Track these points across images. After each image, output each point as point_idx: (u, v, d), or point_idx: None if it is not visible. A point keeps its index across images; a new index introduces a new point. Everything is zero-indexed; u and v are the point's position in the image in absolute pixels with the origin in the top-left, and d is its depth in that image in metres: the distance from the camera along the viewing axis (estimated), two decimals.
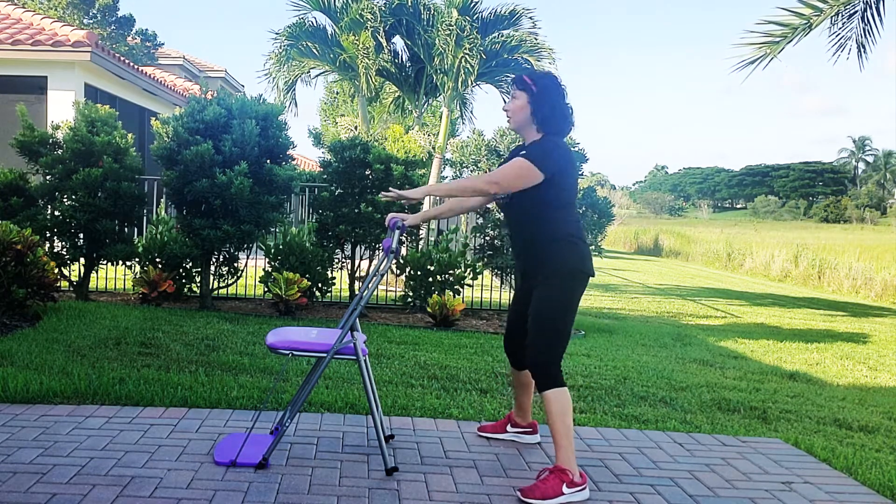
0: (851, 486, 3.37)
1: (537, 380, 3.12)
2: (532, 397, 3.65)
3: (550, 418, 3.05)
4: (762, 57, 9.62)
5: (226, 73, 25.49)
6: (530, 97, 3.25)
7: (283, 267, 7.32)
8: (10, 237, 5.44)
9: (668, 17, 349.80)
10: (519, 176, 3.14)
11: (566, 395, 3.08)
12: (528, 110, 3.26)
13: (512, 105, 3.30)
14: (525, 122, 3.29)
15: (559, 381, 3.10)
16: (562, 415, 3.04)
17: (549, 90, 3.25)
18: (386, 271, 3.38)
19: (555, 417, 3.04)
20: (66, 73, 12.21)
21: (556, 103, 3.25)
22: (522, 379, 3.57)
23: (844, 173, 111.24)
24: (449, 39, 12.30)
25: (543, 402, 3.09)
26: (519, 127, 3.35)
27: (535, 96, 3.24)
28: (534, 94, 3.24)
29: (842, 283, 18.49)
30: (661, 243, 33.23)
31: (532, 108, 3.25)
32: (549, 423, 3.07)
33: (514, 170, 3.15)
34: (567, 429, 3.04)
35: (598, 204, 7.83)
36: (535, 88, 3.24)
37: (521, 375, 3.57)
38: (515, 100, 3.29)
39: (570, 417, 3.07)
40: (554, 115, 3.25)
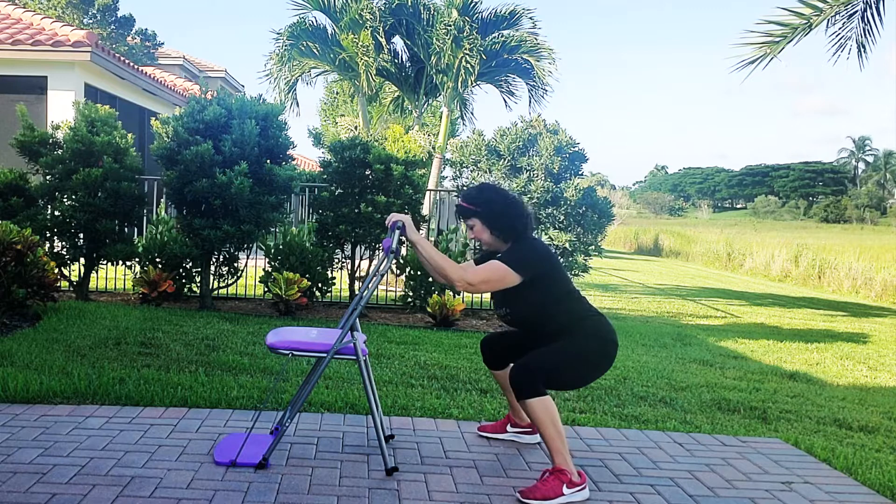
0: (851, 486, 3.37)
1: (517, 386, 3.03)
2: None
3: (540, 426, 3.01)
4: (762, 57, 9.62)
5: (226, 73, 25.49)
6: (481, 219, 3.27)
7: (283, 267, 7.32)
8: (10, 237, 5.44)
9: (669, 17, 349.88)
10: (495, 279, 3.14)
11: (549, 401, 3.03)
12: (487, 230, 3.28)
13: (474, 234, 3.32)
14: (492, 242, 3.31)
15: (541, 391, 3.02)
16: (550, 420, 3.00)
17: (492, 202, 3.27)
18: (386, 271, 3.38)
19: (544, 424, 3.00)
20: (66, 73, 12.21)
21: (506, 210, 3.26)
22: (503, 380, 3.57)
23: (844, 173, 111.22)
24: (448, 39, 12.31)
25: (528, 410, 3.03)
26: (491, 248, 3.35)
27: (484, 216, 3.26)
28: (482, 215, 3.27)
29: (842, 283, 18.49)
30: (661, 243, 33.23)
31: (490, 227, 3.27)
32: (539, 430, 3.03)
33: (490, 273, 3.14)
34: (559, 432, 3.01)
35: (598, 204, 7.84)
36: (479, 209, 3.27)
37: (500, 376, 3.58)
38: (472, 228, 3.31)
39: (559, 420, 3.02)
40: (511, 222, 3.26)
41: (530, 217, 3.36)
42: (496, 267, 3.15)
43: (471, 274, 3.16)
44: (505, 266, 3.13)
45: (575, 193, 7.68)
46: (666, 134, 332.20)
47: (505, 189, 3.42)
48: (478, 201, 3.29)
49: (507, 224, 3.26)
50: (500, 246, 3.31)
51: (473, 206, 3.29)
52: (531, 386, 3.01)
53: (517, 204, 3.33)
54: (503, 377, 3.55)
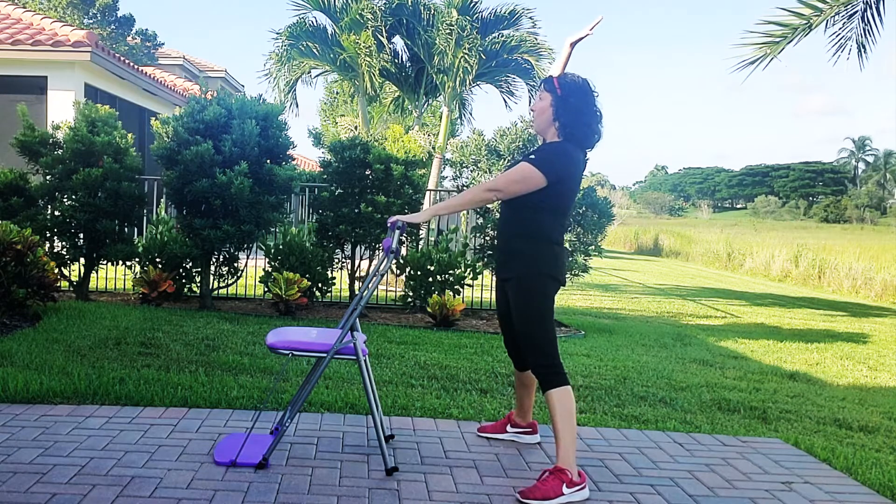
0: (851, 486, 3.37)
1: (541, 380, 3.12)
2: (534, 398, 3.65)
3: (555, 418, 3.05)
4: (762, 57, 9.62)
5: (226, 73, 25.49)
6: (554, 100, 3.16)
7: (283, 267, 7.32)
8: (10, 237, 5.44)
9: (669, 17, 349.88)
10: (520, 180, 3.08)
11: (570, 395, 3.09)
12: (549, 113, 3.18)
13: (536, 105, 3.23)
14: (546, 125, 3.21)
15: (563, 380, 3.10)
16: (567, 415, 3.04)
17: (576, 96, 3.14)
18: (386, 271, 3.38)
19: (560, 418, 3.04)
20: (66, 73, 12.21)
21: (580, 111, 3.14)
22: (525, 379, 3.57)
23: (844, 173, 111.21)
24: (449, 39, 12.31)
25: (547, 402, 3.09)
26: (540, 129, 3.27)
27: (559, 100, 3.15)
28: (558, 98, 3.15)
29: (842, 283, 18.49)
30: (661, 243, 33.23)
31: (554, 111, 3.16)
32: (553, 422, 3.06)
33: (516, 174, 3.09)
34: (571, 429, 3.04)
35: (598, 204, 7.82)
36: (560, 92, 3.15)
37: (524, 376, 3.57)
38: (540, 101, 3.21)
39: (574, 417, 3.07)
40: (576, 123, 3.14)
41: (594, 133, 3.20)
42: (524, 168, 3.09)
43: (494, 182, 3.12)
44: (531, 167, 3.07)
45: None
46: (666, 134, 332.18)
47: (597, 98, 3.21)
48: (566, 87, 3.16)
49: (570, 120, 3.12)
50: (546, 133, 3.22)
51: (558, 86, 3.17)
52: (553, 376, 3.08)
53: (595, 115, 3.18)
54: (523, 377, 3.55)
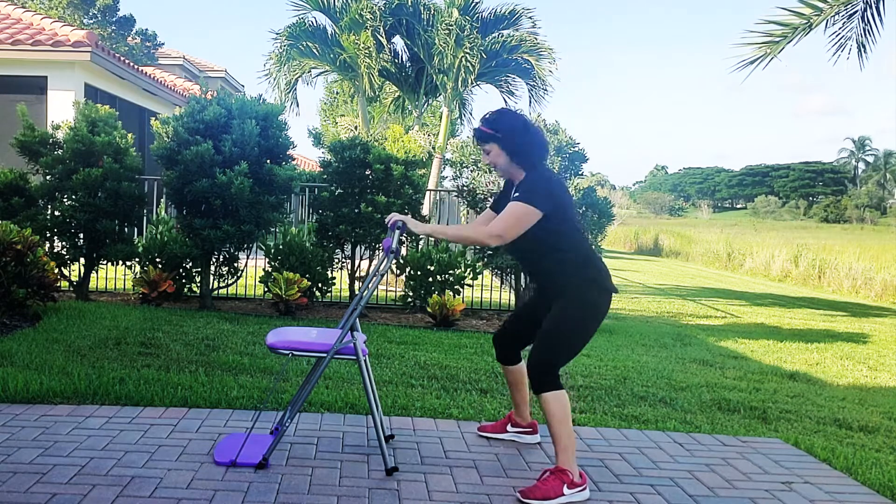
0: (851, 486, 3.37)
1: (533, 380, 3.09)
2: (527, 396, 3.64)
3: (551, 420, 3.04)
4: (762, 57, 9.62)
5: (226, 73, 25.49)
6: (499, 143, 3.24)
7: (283, 267, 7.32)
8: (10, 237, 5.44)
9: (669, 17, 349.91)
10: (519, 222, 3.11)
11: (565, 397, 3.07)
12: (504, 157, 3.25)
13: (490, 158, 3.30)
14: (508, 167, 3.29)
15: (558, 384, 3.08)
16: (563, 417, 3.03)
17: (513, 128, 3.24)
18: (386, 271, 3.38)
19: (555, 420, 3.03)
20: (66, 73, 12.21)
21: (524, 136, 3.23)
22: (513, 377, 3.58)
23: (844, 173, 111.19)
24: (449, 39, 12.31)
25: (541, 403, 3.07)
26: (506, 172, 3.34)
27: (503, 140, 3.23)
28: (500, 140, 3.23)
29: (842, 283, 18.49)
30: (661, 243, 33.23)
31: (506, 152, 3.24)
32: (549, 425, 3.05)
33: (513, 217, 3.11)
34: (568, 430, 3.04)
35: (598, 204, 7.83)
36: (499, 134, 3.23)
37: (511, 373, 3.57)
38: (489, 153, 3.28)
39: (570, 417, 3.06)
40: (529, 149, 3.23)
41: (547, 145, 3.33)
42: (516, 209, 3.11)
43: (494, 227, 3.14)
44: (524, 205, 3.10)
45: (575, 193, 7.69)
46: (666, 134, 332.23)
47: (524, 115, 3.34)
48: (498, 126, 3.24)
49: (525, 150, 3.21)
50: (515, 173, 3.27)
51: (493, 131, 3.24)
52: (547, 379, 3.05)
53: (536, 131, 3.28)
54: (513, 373, 3.56)
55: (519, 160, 3.23)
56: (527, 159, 3.23)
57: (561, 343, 3.13)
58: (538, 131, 3.30)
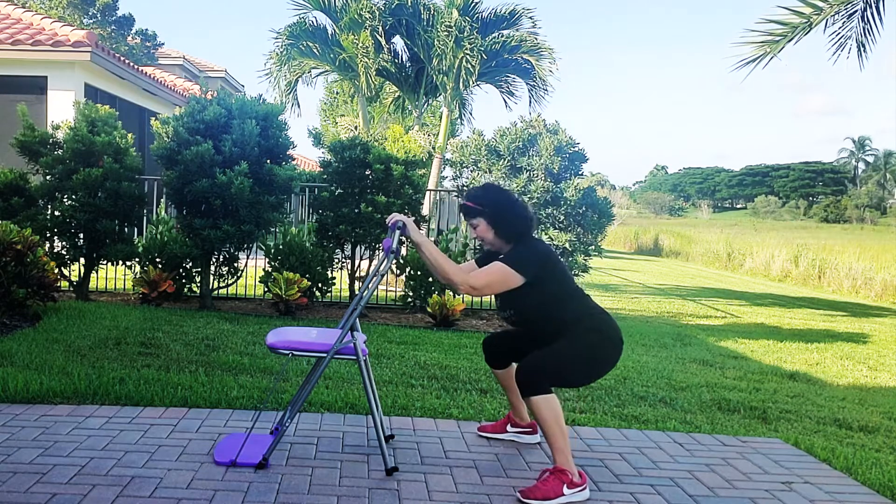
0: (851, 486, 3.37)
1: (523, 385, 3.05)
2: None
3: (544, 424, 3.02)
4: (762, 56, 9.61)
5: (226, 73, 25.49)
6: (487, 219, 3.29)
7: (283, 267, 7.32)
8: (10, 237, 5.44)
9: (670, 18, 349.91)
10: (498, 282, 3.15)
11: (554, 399, 3.04)
12: (491, 232, 3.30)
13: (478, 233, 3.33)
14: (496, 241, 3.32)
15: (547, 388, 3.04)
16: (554, 418, 3.01)
17: (498, 203, 3.30)
18: (386, 271, 3.38)
19: (548, 423, 3.01)
20: (66, 73, 12.21)
21: (510, 210, 3.29)
22: (504, 381, 3.59)
23: (844, 173, 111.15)
24: (448, 40, 12.31)
25: (532, 407, 3.04)
26: (494, 247, 3.36)
27: (490, 215, 3.28)
28: (488, 215, 3.28)
29: (842, 283, 18.49)
30: (661, 243, 33.23)
31: (493, 226, 3.28)
32: (542, 428, 3.04)
33: (494, 276, 3.14)
34: (562, 431, 3.02)
35: (598, 204, 7.84)
36: (486, 210, 3.28)
37: (502, 377, 3.59)
38: (476, 227, 3.32)
39: (562, 419, 3.04)
40: (514, 223, 3.28)
41: (533, 218, 3.39)
42: (499, 269, 3.15)
43: (473, 278, 3.17)
44: (507, 267, 3.14)
45: (575, 193, 7.68)
46: (666, 134, 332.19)
47: (508, 190, 3.44)
48: (483, 201, 3.31)
49: (510, 224, 3.28)
50: (503, 246, 3.32)
51: (478, 206, 3.30)
52: (536, 383, 3.03)
53: (521, 205, 3.36)
54: (505, 376, 3.56)
55: (505, 234, 3.29)
56: (513, 232, 3.28)
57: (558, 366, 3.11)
58: (522, 205, 3.39)
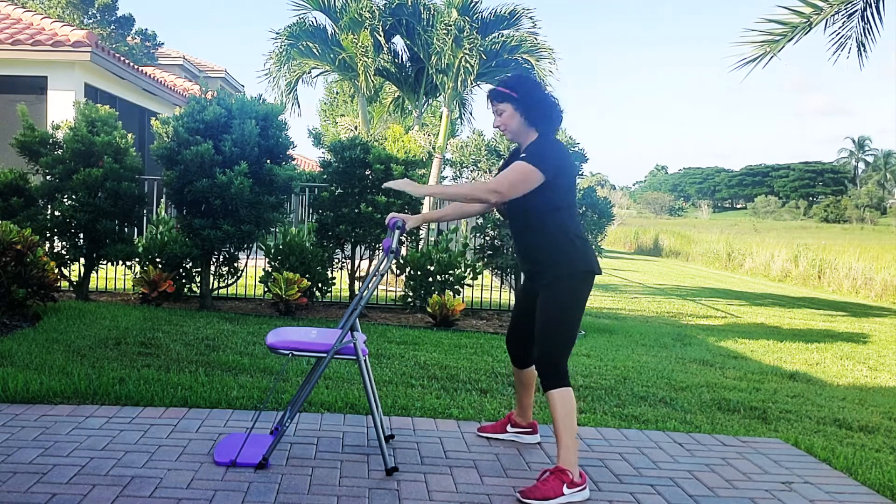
0: (851, 486, 3.37)
1: (543, 378, 3.12)
2: (533, 397, 3.66)
3: (556, 418, 3.05)
4: (762, 55, 9.62)
5: (226, 73, 25.49)
6: (515, 104, 3.22)
7: (283, 267, 7.32)
8: (10, 237, 5.44)
9: (669, 17, 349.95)
10: (521, 181, 3.09)
11: (571, 395, 3.09)
12: (518, 116, 3.23)
13: (502, 119, 3.26)
14: (520, 129, 3.25)
15: (565, 381, 3.10)
16: (567, 415, 3.05)
17: (530, 89, 3.24)
18: (386, 271, 3.38)
19: (560, 417, 3.04)
20: (66, 73, 12.21)
21: (540, 98, 3.23)
22: (524, 378, 3.58)
23: (844, 173, 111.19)
24: (448, 39, 12.30)
25: (548, 401, 3.09)
26: (515, 135, 3.30)
27: (519, 101, 3.21)
28: (517, 100, 3.21)
29: (842, 283, 18.49)
30: (661, 243, 33.23)
31: (521, 112, 3.22)
32: (554, 422, 3.07)
33: (515, 175, 3.09)
34: (572, 429, 3.05)
35: (598, 204, 7.82)
36: (516, 95, 3.22)
37: (523, 375, 3.57)
38: (503, 113, 3.26)
39: (575, 418, 3.08)
40: (545, 111, 3.22)
41: (561, 116, 3.30)
42: (520, 168, 3.10)
43: (495, 183, 3.12)
44: (528, 165, 3.09)
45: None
46: (666, 134, 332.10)
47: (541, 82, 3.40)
48: (517, 87, 3.23)
49: (538, 110, 3.20)
50: (524, 136, 3.25)
51: (511, 91, 3.22)
52: (556, 376, 3.08)
53: (553, 98, 3.28)
54: (526, 375, 3.56)
55: (533, 120, 3.20)
56: (540, 120, 3.21)
57: (557, 335, 3.13)
58: (554, 99, 3.28)
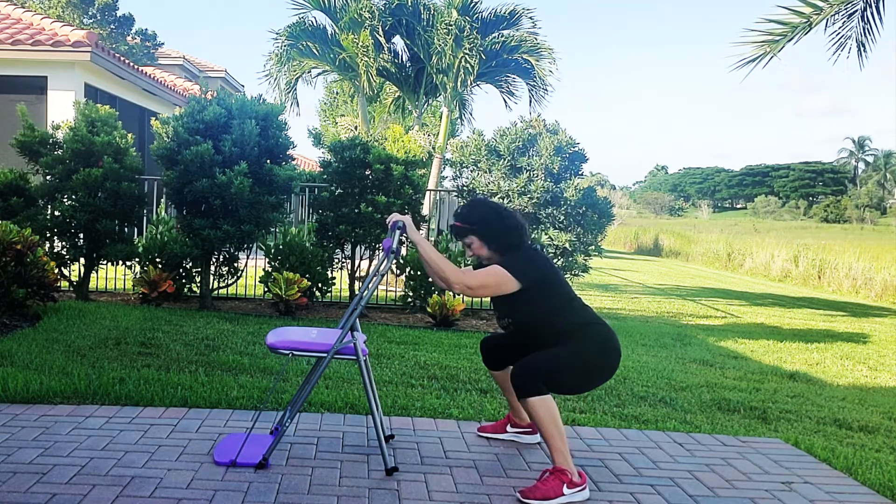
0: (851, 486, 3.37)
1: (519, 386, 3.05)
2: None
3: (541, 425, 3.02)
4: (762, 55, 9.61)
5: (226, 73, 25.49)
6: (478, 235, 3.30)
7: (283, 267, 7.32)
8: (10, 237, 5.44)
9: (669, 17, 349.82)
10: (494, 284, 3.16)
11: (550, 400, 3.04)
12: (485, 248, 3.30)
13: (473, 250, 3.34)
14: (491, 256, 3.32)
15: (543, 390, 3.03)
16: (551, 419, 3.01)
17: (486, 218, 3.30)
18: (386, 271, 3.38)
19: (545, 423, 3.01)
20: (66, 73, 12.21)
21: (499, 224, 3.29)
22: (502, 381, 3.58)
23: (844, 173, 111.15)
24: (448, 39, 12.31)
25: (528, 409, 3.04)
26: (490, 261, 3.33)
27: (480, 232, 3.29)
28: (478, 232, 3.29)
29: (842, 283, 18.49)
30: (661, 243, 33.23)
31: (485, 242, 3.29)
32: (539, 429, 3.04)
33: (490, 277, 3.16)
34: (559, 432, 3.02)
35: (598, 204, 7.82)
36: (474, 227, 3.29)
37: (500, 377, 3.58)
38: (470, 245, 3.33)
39: (559, 419, 3.04)
40: (506, 235, 3.28)
41: (525, 227, 3.38)
42: (495, 271, 3.16)
43: (469, 278, 3.19)
44: (504, 271, 3.15)
45: (575, 193, 7.68)
46: (666, 134, 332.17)
47: (495, 202, 3.48)
48: (472, 219, 3.32)
49: (502, 237, 3.28)
50: (500, 260, 3.30)
51: (468, 225, 3.32)
52: (532, 385, 3.02)
53: (510, 216, 3.35)
54: (502, 377, 3.56)
55: (499, 248, 3.29)
56: (507, 245, 3.28)
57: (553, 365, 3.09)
58: (512, 215, 3.37)
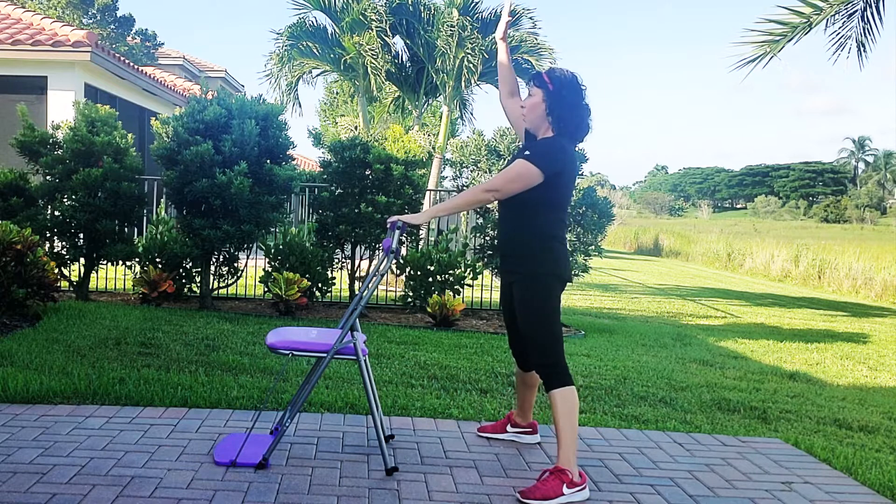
0: (851, 486, 3.37)
1: (545, 380, 3.11)
2: (535, 397, 3.65)
3: (557, 417, 3.05)
4: (762, 55, 9.61)
5: (226, 73, 25.47)
6: (545, 95, 3.16)
7: (283, 267, 7.32)
8: (10, 237, 5.44)
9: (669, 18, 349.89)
10: (517, 179, 3.08)
11: (574, 395, 3.09)
12: (542, 108, 3.18)
13: (528, 101, 3.22)
14: (539, 121, 3.21)
15: (567, 380, 3.10)
16: (569, 414, 3.05)
17: (567, 90, 3.15)
18: (386, 271, 3.38)
19: (562, 417, 3.04)
20: (66, 73, 12.21)
21: (573, 104, 3.16)
22: (528, 379, 3.57)
23: (844, 173, 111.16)
24: (450, 40, 12.31)
25: (550, 401, 3.09)
26: (532, 125, 3.26)
27: (551, 94, 3.15)
28: (549, 93, 3.15)
29: (842, 283, 18.49)
30: (661, 243, 33.24)
31: (547, 106, 3.17)
32: (555, 421, 3.07)
33: (513, 174, 3.09)
34: (573, 428, 3.05)
35: (598, 204, 7.82)
36: (551, 87, 3.15)
37: (527, 376, 3.57)
38: (531, 97, 3.20)
39: (577, 417, 3.07)
40: (569, 117, 3.15)
41: (587, 130, 3.22)
42: (519, 167, 3.09)
43: (492, 182, 3.13)
44: (528, 164, 3.07)
45: (575, 193, 7.68)
46: (666, 134, 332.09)
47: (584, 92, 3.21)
48: (556, 81, 3.16)
49: (563, 114, 3.14)
50: (540, 130, 3.22)
51: (549, 80, 3.17)
52: (555, 376, 3.09)
53: (585, 108, 3.19)
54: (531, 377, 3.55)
55: (554, 120, 3.15)
56: (559, 121, 3.14)
57: (539, 335, 3.14)
58: (586, 109, 3.20)
